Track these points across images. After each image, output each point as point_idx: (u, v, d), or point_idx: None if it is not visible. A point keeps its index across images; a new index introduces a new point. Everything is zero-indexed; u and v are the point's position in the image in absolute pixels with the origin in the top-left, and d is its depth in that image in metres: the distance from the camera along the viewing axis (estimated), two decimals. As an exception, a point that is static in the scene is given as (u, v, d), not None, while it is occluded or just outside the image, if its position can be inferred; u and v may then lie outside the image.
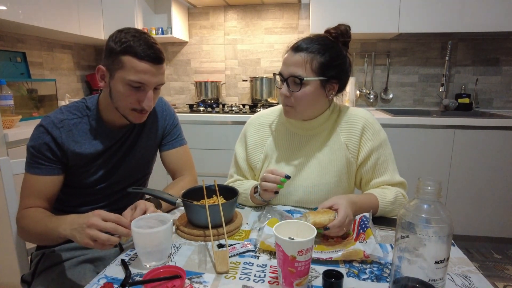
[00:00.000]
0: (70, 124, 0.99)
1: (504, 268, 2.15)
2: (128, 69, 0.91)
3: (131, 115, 0.98)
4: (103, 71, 0.95)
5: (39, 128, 0.97)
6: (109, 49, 0.92)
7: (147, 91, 0.95)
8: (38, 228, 0.90)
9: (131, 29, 0.93)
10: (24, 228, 0.94)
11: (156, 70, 0.93)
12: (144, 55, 0.90)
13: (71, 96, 2.80)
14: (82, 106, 1.03)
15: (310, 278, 0.70)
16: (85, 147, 1.01)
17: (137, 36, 0.91)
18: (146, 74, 0.91)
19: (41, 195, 0.97)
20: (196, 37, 3.09)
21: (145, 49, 0.90)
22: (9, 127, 1.86)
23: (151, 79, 0.93)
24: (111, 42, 0.92)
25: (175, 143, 1.20)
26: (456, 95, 2.78)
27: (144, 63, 0.91)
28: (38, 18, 2.07)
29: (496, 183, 2.27)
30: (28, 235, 0.96)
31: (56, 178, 0.99)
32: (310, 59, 0.98)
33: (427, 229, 0.59)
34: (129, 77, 0.91)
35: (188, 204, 0.91)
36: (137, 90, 0.94)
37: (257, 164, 1.16)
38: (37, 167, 0.96)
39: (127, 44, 0.90)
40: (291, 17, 2.92)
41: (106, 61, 0.94)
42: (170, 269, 0.69)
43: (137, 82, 0.92)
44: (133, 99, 0.95)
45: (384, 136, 1.09)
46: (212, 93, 2.91)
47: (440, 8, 2.37)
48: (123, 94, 0.94)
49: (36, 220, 0.91)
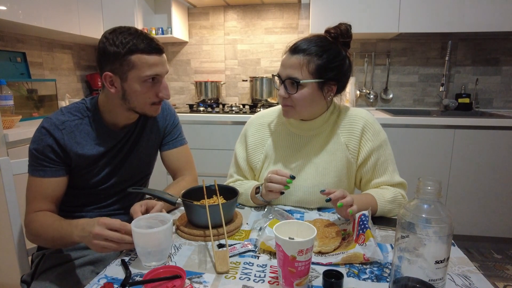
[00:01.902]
0: (72, 125, 0.99)
1: (504, 268, 2.15)
2: (140, 67, 0.92)
3: (151, 110, 1.01)
4: (111, 77, 0.94)
5: (41, 130, 0.97)
6: (113, 54, 0.91)
7: (162, 82, 0.98)
8: (49, 233, 0.90)
9: (123, 29, 0.93)
10: (34, 232, 0.94)
11: (163, 60, 0.97)
12: (151, 48, 0.92)
13: (71, 96, 2.79)
14: (83, 107, 1.03)
15: (310, 278, 0.70)
16: (87, 148, 1.01)
17: (135, 34, 0.92)
18: (158, 66, 0.94)
19: (48, 197, 0.97)
20: (196, 37, 3.09)
21: (149, 43, 0.92)
22: (9, 127, 1.86)
23: (163, 69, 0.96)
24: (110, 46, 0.90)
25: (175, 143, 1.20)
26: (456, 95, 2.78)
27: (153, 56, 0.93)
28: (38, 18, 2.07)
29: (496, 183, 2.27)
30: (38, 239, 0.96)
31: (61, 179, 0.99)
32: (307, 61, 0.98)
33: (427, 229, 0.59)
34: (144, 73, 0.92)
35: (188, 204, 0.91)
36: (153, 84, 0.96)
37: (257, 164, 1.16)
38: (42, 169, 0.96)
39: (130, 44, 0.90)
40: (291, 17, 2.92)
41: (111, 66, 0.93)
42: (170, 269, 0.69)
43: (153, 75, 0.94)
44: (151, 94, 0.97)
45: (384, 137, 1.09)
46: (212, 93, 2.91)
47: (440, 8, 2.37)
48: (141, 92, 0.95)
49: (47, 225, 0.92)
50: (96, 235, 0.77)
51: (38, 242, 0.99)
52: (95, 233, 0.77)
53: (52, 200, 0.98)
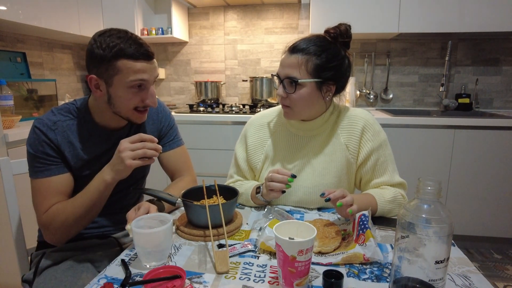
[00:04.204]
0: (64, 125, 0.99)
1: (504, 268, 2.15)
2: (126, 72, 0.90)
3: (134, 116, 0.98)
4: (97, 80, 0.93)
5: (35, 130, 0.96)
6: (99, 57, 0.89)
7: (148, 88, 0.95)
8: (77, 208, 0.92)
9: (112, 31, 0.91)
10: (59, 223, 0.93)
11: (151, 66, 0.94)
12: (138, 54, 0.89)
13: (71, 96, 2.79)
14: (73, 108, 1.02)
15: (310, 278, 0.70)
16: (81, 149, 1.00)
17: (123, 38, 0.89)
18: (144, 72, 0.92)
19: (60, 192, 0.96)
20: (196, 37, 3.09)
21: (137, 48, 0.89)
22: (9, 127, 1.86)
23: (150, 75, 0.93)
24: (97, 49, 0.89)
25: (172, 144, 1.19)
26: (456, 95, 2.78)
27: (140, 63, 0.90)
28: (38, 18, 2.07)
29: (496, 183, 2.27)
30: (67, 229, 0.94)
31: (68, 175, 0.98)
32: (305, 60, 0.98)
33: (427, 229, 0.59)
34: (129, 79, 0.90)
35: (188, 204, 0.91)
36: (138, 90, 0.94)
37: (257, 164, 1.16)
38: (46, 168, 0.95)
39: (117, 48, 0.88)
40: (291, 17, 2.92)
41: (97, 69, 0.91)
42: (170, 269, 0.69)
43: (138, 81, 0.91)
44: (136, 100, 0.95)
45: (384, 137, 1.09)
46: (212, 93, 2.91)
47: (440, 8, 2.37)
48: (126, 98, 0.93)
49: (72, 204, 0.93)
50: (123, 149, 0.87)
51: (67, 232, 0.96)
52: (122, 148, 0.87)
53: (65, 194, 0.97)
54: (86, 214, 0.94)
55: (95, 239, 1.08)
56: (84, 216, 0.94)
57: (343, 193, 0.86)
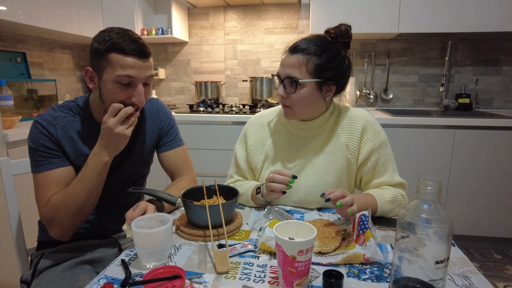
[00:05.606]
0: (64, 121, 1.00)
1: (504, 268, 2.15)
2: (114, 66, 0.90)
3: None
4: (91, 73, 0.95)
5: (36, 125, 0.97)
6: (94, 50, 0.91)
7: (137, 86, 0.93)
8: (79, 194, 0.92)
9: (114, 28, 0.93)
10: (62, 214, 0.92)
11: (143, 64, 0.92)
12: (129, 49, 0.89)
13: (71, 96, 2.79)
14: (73, 105, 1.03)
15: (310, 278, 0.70)
16: (82, 145, 1.01)
17: (121, 33, 0.91)
18: (133, 68, 0.90)
19: (62, 185, 0.95)
20: (196, 37, 3.09)
21: (129, 43, 0.90)
22: (9, 127, 1.86)
23: (139, 73, 0.92)
24: (95, 42, 0.91)
25: (172, 144, 1.19)
26: (456, 95, 2.78)
27: (130, 58, 0.90)
28: (38, 18, 2.07)
29: (496, 183, 2.27)
30: (70, 219, 0.94)
31: (69, 168, 0.98)
32: (306, 60, 0.98)
33: (427, 229, 0.59)
34: (116, 73, 0.89)
35: (188, 204, 0.91)
36: (126, 87, 0.92)
37: (257, 164, 1.16)
38: (48, 161, 0.95)
39: (111, 41, 0.89)
40: (291, 17, 2.92)
41: (92, 62, 0.93)
42: (170, 269, 0.69)
43: (125, 77, 0.90)
44: (123, 96, 0.93)
45: (384, 137, 1.09)
46: (212, 93, 2.91)
47: (440, 8, 2.37)
48: (113, 93, 0.92)
49: (71, 193, 0.92)
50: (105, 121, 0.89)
51: (72, 222, 0.95)
52: (108, 125, 0.89)
53: (66, 185, 0.96)
54: (87, 199, 0.94)
55: (95, 239, 1.08)
56: (86, 201, 0.94)
57: (343, 193, 0.86)
